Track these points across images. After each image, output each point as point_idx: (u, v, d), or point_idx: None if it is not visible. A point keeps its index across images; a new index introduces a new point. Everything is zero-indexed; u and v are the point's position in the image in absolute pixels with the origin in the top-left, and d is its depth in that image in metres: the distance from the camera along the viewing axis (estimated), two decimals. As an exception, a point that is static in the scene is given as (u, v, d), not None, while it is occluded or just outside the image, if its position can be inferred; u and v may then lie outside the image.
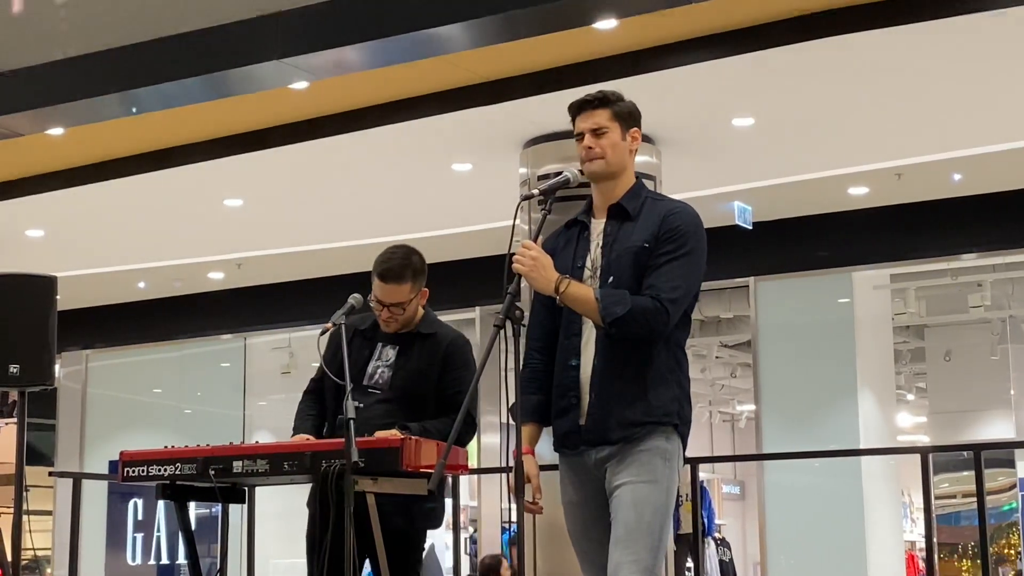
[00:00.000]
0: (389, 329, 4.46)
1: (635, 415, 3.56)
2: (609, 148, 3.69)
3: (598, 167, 3.69)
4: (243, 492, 4.67)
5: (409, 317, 4.45)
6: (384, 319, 4.44)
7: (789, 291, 10.62)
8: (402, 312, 4.41)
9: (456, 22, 6.36)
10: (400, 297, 4.38)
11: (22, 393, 6.18)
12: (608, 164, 3.69)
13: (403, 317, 4.43)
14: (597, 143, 3.69)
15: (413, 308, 4.44)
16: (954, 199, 9.71)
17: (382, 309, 4.41)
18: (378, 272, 4.39)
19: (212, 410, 13.78)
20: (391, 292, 4.38)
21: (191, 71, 7.00)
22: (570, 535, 3.74)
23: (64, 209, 9.80)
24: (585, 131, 3.71)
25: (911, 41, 6.86)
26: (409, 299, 4.39)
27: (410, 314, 4.44)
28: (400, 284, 4.37)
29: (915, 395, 17.11)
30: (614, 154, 3.70)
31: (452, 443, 3.56)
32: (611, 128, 3.69)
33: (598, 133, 3.69)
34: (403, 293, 4.38)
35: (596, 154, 3.68)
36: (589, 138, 3.70)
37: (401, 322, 4.44)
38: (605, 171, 3.70)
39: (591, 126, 3.70)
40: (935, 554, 6.63)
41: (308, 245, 11.09)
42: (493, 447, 11.26)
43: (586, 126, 3.71)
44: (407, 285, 4.38)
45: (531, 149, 8.21)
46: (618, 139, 3.71)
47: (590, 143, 3.69)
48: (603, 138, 3.69)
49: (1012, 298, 11.97)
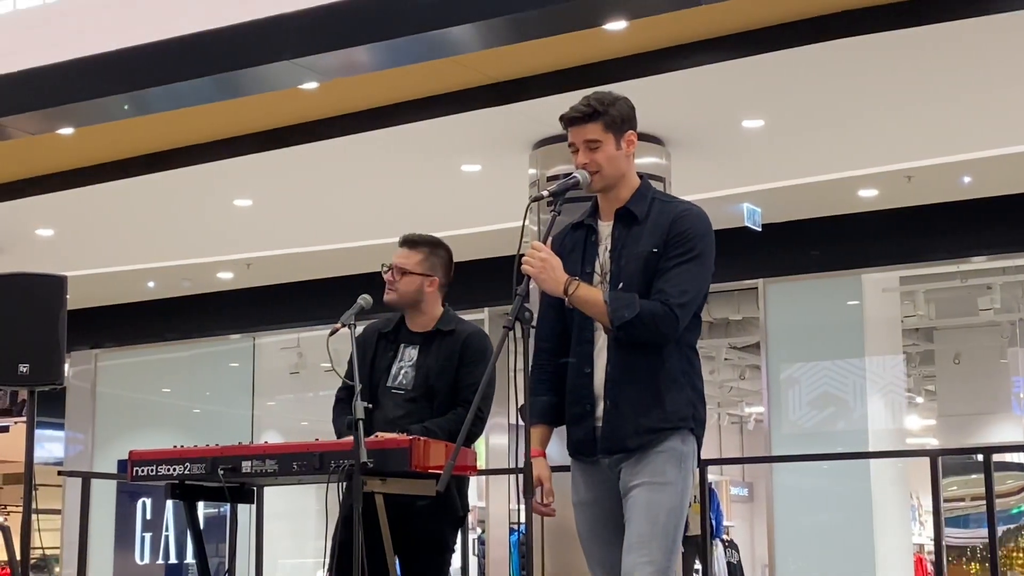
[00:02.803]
0: (386, 299, 4.51)
1: (652, 421, 3.55)
2: (604, 161, 3.63)
3: (597, 182, 3.66)
4: (252, 492, 4.68)
5: (408, 294, 4.49)
6: (386, 283, 4.49)
7: (798, 293, 10.61)
8: (398, 279, 4.46)
9: (466, 23, 6.36)
10: (404, 261, 4.47)
11: (31, 392, 6.18)
12: (604, 178, 3.65)
13: (401, 290, 4.48)
14: (591, 158, 3.63)
15: (414, 285, 4.48)
16: (964, 202, 9.69)
17: (387, 271, 4.48)
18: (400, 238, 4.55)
19: (221, 410, 13.79)
20: (400, 255, 4.49)
21: (201, 71, 7.01)
22: (579, 535, 3.73)
23: (74, 209, 9.82)
24: (578, 145, 3.65)
25: (922, 44, 6.85)
26: (413, 271, 4.46)
27: (409, 291, 4.49)
28: (411, 250, 4.49)
29: (924, 398, 17.09)
30: (609, 167, 3.64)
31: (461, 444, 3.56)
32: (604, 140, 3.63)
33: (591, 147, 3.63)
34: (410, 260, 4.48)
35: (591, 169, 3.64)
36: (583, 153, 3.64)
37: (400, 295, 4.49)
38: (602, 185, 3.67)
39: (582, 140, 3.64)
40: (944, 557, 6.61)
41: (317, 245, 11.10)
42: (501, 448, 11.26)
43: (578, 140, 3.65)
44: (417, 255, 4.48)
45: (541, 150, 8.20)
46: (612, 151, 3.64)
47: (584, 159, 3.64)
48: (597, 152, 3.63)
49: (1022, 301, 11.94)
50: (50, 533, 12.73)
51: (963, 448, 12.12)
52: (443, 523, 4.42)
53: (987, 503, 6.42)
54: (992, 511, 6.41)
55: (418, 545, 4.29)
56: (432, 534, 4.37)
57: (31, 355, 5.97)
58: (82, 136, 8.13)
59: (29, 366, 5.96)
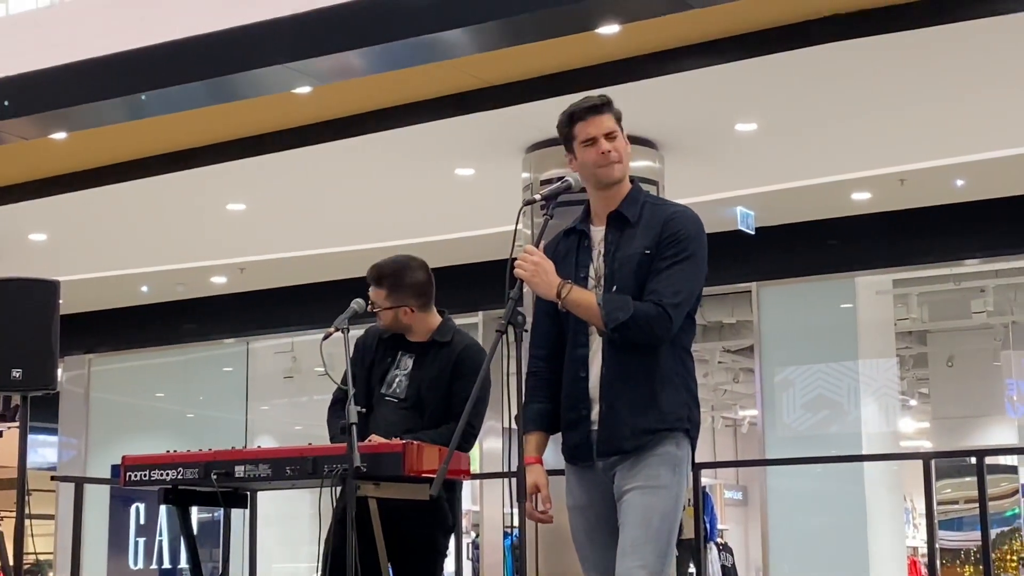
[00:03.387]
0: (380, 325, 4.52)
1: (648, 422, 3.55)
2: (624, 152, 3.65)
3: (619, 172, 3.63)
4: (245, 497, 4.68)
5: (392, 324, 4.49)
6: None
7: (792, 296, 10.62)
8: (377, 312, 4.46)
9: (460, 27, 6.37)
10: (375, 297, 4.47)
11: (24, 397, 6.18)
12: (625, 168, 3.66)
13: (384, 321, 4.48)
14: (614, 147, 3.62)
15: (390, 317, 4.47)
16: (957, 204, 9.71)
17: (368, 306, 4.49)
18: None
19: (214, 414, 13.78)
20: (371, 292, 4.49)
21: (195, 76, 7.01)
22: (574, 539, 3.72)
23: (67, 213, 9.81)
24: (599, 136, 3.62)
25: (914, 47, 6.86)
26: (384, 306, 4.45)
27: (389, 323, 4.48)
28: (376, 288, 4.49)
29: (917, 400, 17.11)
30: (627, 158, 3.67)
31: (453, 450, 3.56)
32: (618, 132, 3.64)
33: (611, 137, 3.62)
34: (379, 297, 4.47)
35: (616, 158, 3.61)
36: (606, 142, 3.62)
37: (387, 324, 4.49)
38: (623, 175, 3.67)
39: (606, 130, 3.62)
40: (937, 560, 6.62)
41: (311, 249, 11.10)
42: (495, 452, 11.25)
43: (600, 131, 3.62)
44: (382, 292, 4.47)
45: (534, 154, 8.21)
46: (625, 143, 3.67)
47: (608, 147, 3.61)
48: (616, 141, 3.63)
49: (1014, 303, 11.97)
50: (43, 538, 12.71)
51: (956, 451, 12.13)
52: (433, 528, 4.41)
53: (980, 506, 6.43)
54: (985, 514, 6.42)
55: (408, 550, 4.28)
56: (422, 539, 4.37)
57: (24, 360, 5.97)
58: (75, 141, 8.12)
59: (22, 371, 5.95)
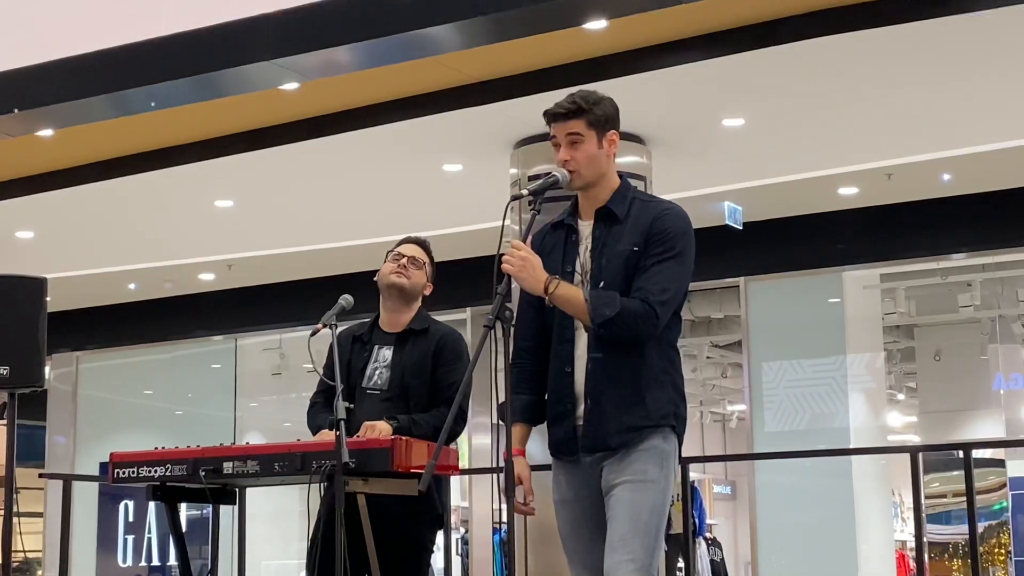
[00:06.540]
0: (397, 282, 4.57)
1: (633, 420, 3.55)
2: (584, 160, 3.62)
3: (574, 181, 3.65)
4: (234, 493, 4.67)
5: (416, 287, 4.60)
6: (395, 269, 4.58)
7: (780, 291, 10.64)
8: (411, 270, 4.57)
9: (446, 23, 6.36)
10: (421, 257, 4.63)
11: (12, 395, 6.17)
12: (583, 176, 3.64)
13: (412, 280, 4.57)
14: (572, 155, 3.62)
15: (421, 281, 4.61)
16: (944, 199, 9.73)
17: (401, 257, 4.60)
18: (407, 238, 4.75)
19: (203, 411, 13.76)
20: (415, 250, 4.65)
21: (181, 72, 6.99)
22: (561, 534, 3.73)
23: (54, 210, 9.79)
24: (560, 140, 3.65)
25: (901, 41, 6.87)
26: (420, 264, 4.60)
27: (417, 285, 4.60)
28: (425, 253, 4.66)
29: (905, 394, 17.16)
30: (589, 165, 3.63)
31: (443, 443, 3.56)
32: (587, 137, 3.62)
33: (574, 143, 3.63)
34: (423, 259, 4.63)
35: (571, 167, 3.63)
36: (565, 149, 3.63)
37: (412, 285, 4.58)
38: (581, 183, 3.67)
39: (564, 134, 3.63)
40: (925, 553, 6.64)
41: (299, 246, 11.09)
42: (483, 448, 11.27)
43: (560, 134, 3.64)
44: (426, 258, 4.65)
45: (521, 150, 8.21)
46: (594, 149, 3.63)
47: (566, 155, 3.63)
48: (578, 149, 3.62)
49: (1001, 297, 12.01)
50: (32, 536, 12.70)
51: (944, 444, 12.16)
52: (420, 523, 4.41)
53: (968, 499, 6.43)
54: (973, 507, 6.42)
55: (395, 545, 4.28)
56: (409, 534, 4.37)
57: (11, 357, 5.96)
58: (62, 138, 8.10)
59: (9, 368, 5.95)
